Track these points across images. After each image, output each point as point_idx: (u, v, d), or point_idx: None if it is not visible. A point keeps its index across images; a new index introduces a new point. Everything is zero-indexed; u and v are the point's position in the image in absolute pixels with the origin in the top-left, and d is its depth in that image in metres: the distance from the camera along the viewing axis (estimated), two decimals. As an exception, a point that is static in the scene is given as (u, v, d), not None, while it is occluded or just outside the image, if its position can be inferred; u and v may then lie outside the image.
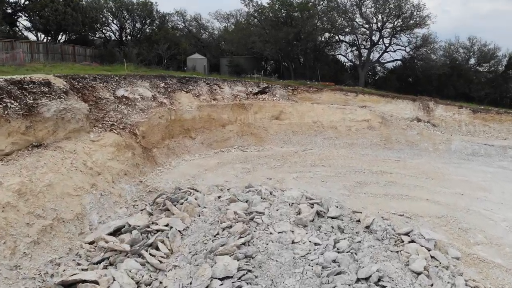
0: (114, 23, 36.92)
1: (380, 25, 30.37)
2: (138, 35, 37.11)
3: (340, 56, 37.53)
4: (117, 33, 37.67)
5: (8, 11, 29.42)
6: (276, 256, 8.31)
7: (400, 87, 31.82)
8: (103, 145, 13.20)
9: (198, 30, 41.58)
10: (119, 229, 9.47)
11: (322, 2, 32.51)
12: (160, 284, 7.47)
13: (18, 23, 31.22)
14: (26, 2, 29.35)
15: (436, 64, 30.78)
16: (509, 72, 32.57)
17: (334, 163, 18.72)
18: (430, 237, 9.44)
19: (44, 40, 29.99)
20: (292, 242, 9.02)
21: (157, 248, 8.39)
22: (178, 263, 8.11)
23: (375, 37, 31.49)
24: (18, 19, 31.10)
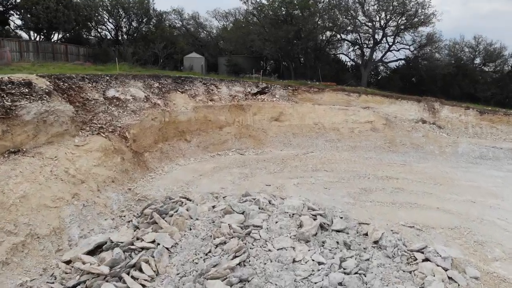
0: (109, 22, 36.05)
1: (383, 23, 29.41)
2: (135, 34, 36.17)
3: (342, 55, 36.64)
4: (113, 32, 36.76)
5: (0, 9, 28.48)
6: (275, 279, 7.35)
7: (403, 87, 30.88)
8: (89, 150, 12.24)
9: (196, 29, 40.60)
10: (101, 245, 8.51)
11: (323, -1, 31.61)
12: (142, 314, 6.54)
13: (10, 21, 30.33)
14: (18, 0, 28.39)
15: (441, 63, 29.80)
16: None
17: (337, 167, 17.78)
18: (447, 255, 8.48)
19: (37, 39, 29.04)
20: (293, 261, 8.06)
21: (140, 270, 7.43)
22: None
23: (378, 35, 30.58)
24: (10, 17, 30.19)
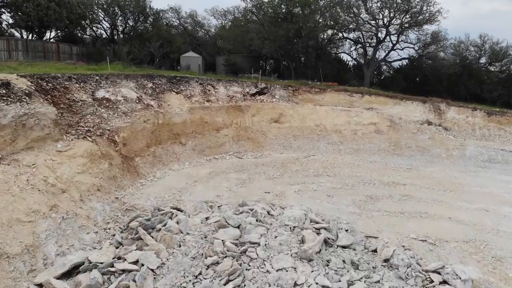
0: (105, 21, 35.10)
1: (386, 21, 28.44)
2: (131, 33, 35.23)
3: (344, 54, 35.62)
4: (108, 31, 35.84)
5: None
6: (273, 308, 6.42)
7: (407, 87, 29.95)
8: (72, 155, 11.29)
9: (194, 28, 39.64)
10: (78, 266, 7.57)
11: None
12: None
13: (1, 19, 29.37)
14: (9, -3, 27.47)
15: (447, 62, 28.84)
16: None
17: (340, 172, 16.83)
18: (467, 276, 7.54)
19: (29, 37, 28.09)
20: (295, 285, 7.12)
21: (119, 297, 6.50)
22: (146, 318, 6.23)
23: (381, 34, 29.57)
24: (2, 15, 29.25)
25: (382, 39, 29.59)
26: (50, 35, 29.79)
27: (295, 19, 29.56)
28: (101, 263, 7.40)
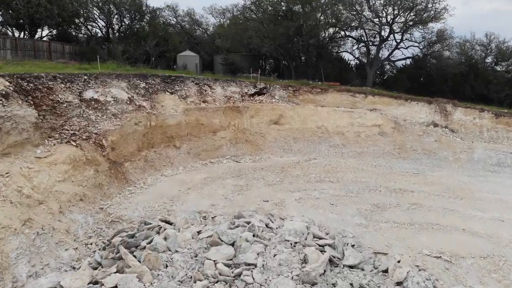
0: (100, 19, 34.15)
1: (390, 19, 27.46)
2: (127, 31, 34.26)
3: (346, 53, 34.61)
4: (104, 29, 34.86)
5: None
6: None
7: (411, 87, 28.98)
8: (53, 162, 10.36)
9: (191, 26, 38.66)
10: (49, 291, 6.65)
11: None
12: None
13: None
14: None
15: (453, 62, 27.87)
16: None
17: (343, 177, 15.90)
18: (493, 304, 6.61)
19: (20, 36, 27.16)
20: (296, 315, 6.20)
21: (92, 333, 5.57)
22: None
23: (385, 32, 28.59)
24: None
25: (385, 37, 28.65)
26: (42, 33, 28.83)
27: (296, 16, 28.60)
28: (74, 290, 6.47)
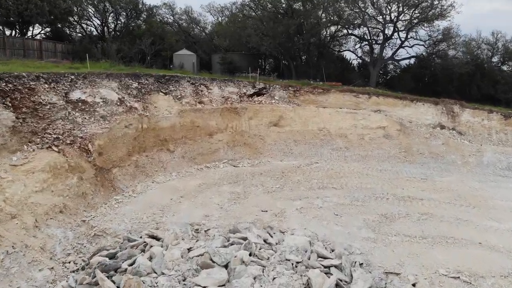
0: (95, 17, 33.19)
1: (394, 16, 26.49)
2: (123, 30, 33.32)
3: (348, 52, 33.58)
4: (99, 28, 33.90)
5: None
6: None
7: (415, 87, 27.99)
8: (30, 170, 9.42)
9: (189, 25, 37.69)
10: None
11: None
12: None
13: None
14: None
15: (459, 61, 26.89)
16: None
17: (347, 183, 14.96)
18: None
19: (11, 34, 26.20)
20: None
21: None
22: None
23: (389, 30, 27.60)
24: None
25: (389, 35, 27.65)
26: (33, 32, 27.89)
27: (296, 14, 27.64)
28: (39, 325, 5.54)
